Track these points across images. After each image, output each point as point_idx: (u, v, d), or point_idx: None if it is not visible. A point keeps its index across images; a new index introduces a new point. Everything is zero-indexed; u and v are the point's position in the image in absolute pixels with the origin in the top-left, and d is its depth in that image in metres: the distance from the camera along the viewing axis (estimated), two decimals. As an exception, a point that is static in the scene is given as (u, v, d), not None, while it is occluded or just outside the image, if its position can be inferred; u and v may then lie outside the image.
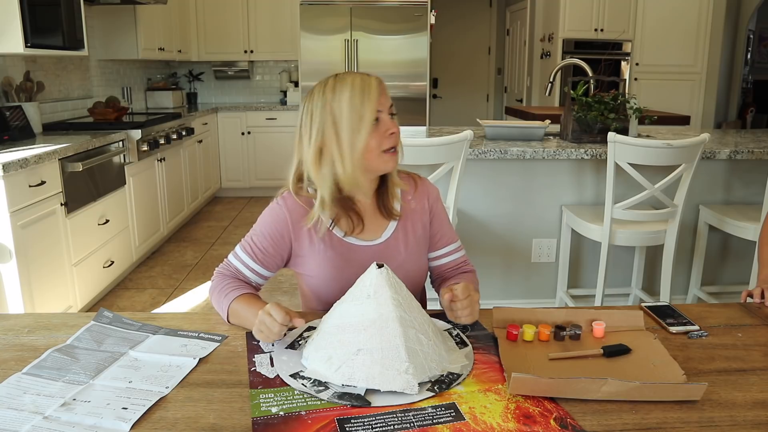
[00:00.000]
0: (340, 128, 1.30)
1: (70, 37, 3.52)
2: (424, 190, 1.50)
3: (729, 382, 1.08)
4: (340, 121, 1.30)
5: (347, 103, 1.29)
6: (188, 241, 4.67)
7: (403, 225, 1.44)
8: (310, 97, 1.34)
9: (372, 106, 1.29)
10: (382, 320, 1.08)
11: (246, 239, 1.42)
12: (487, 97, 8.18)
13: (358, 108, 1.29)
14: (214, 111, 5.92)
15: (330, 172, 1.33)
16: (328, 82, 1.33)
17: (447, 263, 1.52)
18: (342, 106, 1.29)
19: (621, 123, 2.91)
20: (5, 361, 1.15)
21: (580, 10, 5.89)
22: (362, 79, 1.31)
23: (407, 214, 1.45)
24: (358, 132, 1.29)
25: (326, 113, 1.31)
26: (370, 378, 1.04)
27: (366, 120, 1.29)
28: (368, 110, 1.29)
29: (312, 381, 1.07)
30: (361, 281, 1.16)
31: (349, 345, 1.08)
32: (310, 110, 1.33)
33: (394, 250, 1.42)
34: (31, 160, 2.69)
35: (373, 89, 1.30)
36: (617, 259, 3.09)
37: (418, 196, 1.48)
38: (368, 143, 1.30)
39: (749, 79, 6.88)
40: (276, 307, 1.17)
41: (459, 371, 1.10)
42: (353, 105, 1.29)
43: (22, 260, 2.65)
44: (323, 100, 1.31)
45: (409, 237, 1.44)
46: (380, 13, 5.57)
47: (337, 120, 1.30)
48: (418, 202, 1.47)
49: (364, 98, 1.29)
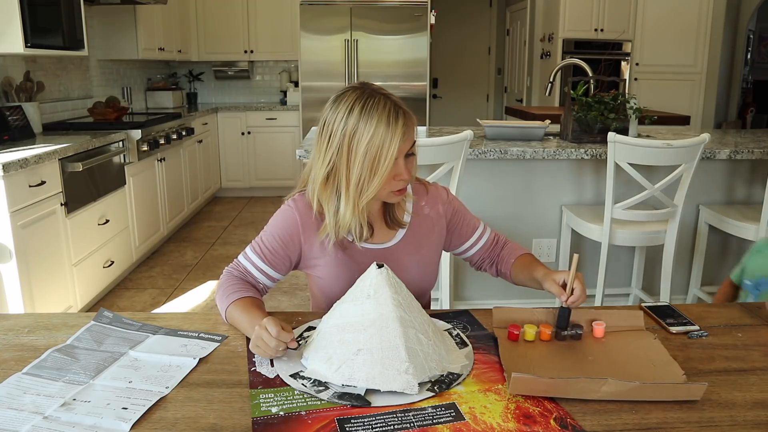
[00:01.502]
0: (352, 170, 1.23)
1: (70, 37, 3.52)
2: (437, 195, 1.48)
3: (729, 382, 1.08)
4: (353, 162, 1.22)
5: (364, 147, 1.20)
6: (188, 241, 4.67)
7: (415, 231, 1.42)
8: (335, 109, 1.25)
9: (391, 155, 1.20)
10: (383, 320, 1.08)
11: (257, 240, 1.40)
12: (487, 97, 8.18)
13: (375, 155, 1.21)
14: (214, 111, 5.92)
15: (335, 199, 1.29)
16: (355, 108, 1.22)
17: (481, 247, 1.54)
18: (359, 146, 1.21)
19: (621, 123, 2.91)
20: (5, 361, 1.15)
21: (580, 10, 5.89)
22: (388, 121, 1.20)
23: (420, 221, 1.44)
24: (369, 181, 1.23)
25: (344, 144, 1.23)
26: (370, 378, 1.04)
27: (381, 170, 1.21)
28: (386, 160, 1.21)
29: (312, 381, 1.07)
30: (361, 281, 1.16)
31: (349, 345, 1.08)
32: (330, 129, 1.25)
33: (404, 254, 1.41)
34: (31, 160, 2.69)
35: (397, 134, 1.20)
36: (617, 259, 3.09)
37: (431, 202, 1.46)
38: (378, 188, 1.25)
39: (749, 79, 6.88)
40: (272, 322, 1.13)
41: (459, 371, 1.10)
42: (370, 149, 1.20)
43: (22, 260, 2.65)
44: (344, 126, 1.22)
45: (421, 243, 1.43)
46: (380, 13, 5.57)
47: (351, 159, 1.23)
48: (432, 207, 1.46)
49: (384, 145, 1.20)
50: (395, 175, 1.25)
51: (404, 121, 1.23)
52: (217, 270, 3.97)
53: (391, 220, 1.40)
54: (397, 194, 1.30)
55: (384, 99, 1.24)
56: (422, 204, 1.44)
